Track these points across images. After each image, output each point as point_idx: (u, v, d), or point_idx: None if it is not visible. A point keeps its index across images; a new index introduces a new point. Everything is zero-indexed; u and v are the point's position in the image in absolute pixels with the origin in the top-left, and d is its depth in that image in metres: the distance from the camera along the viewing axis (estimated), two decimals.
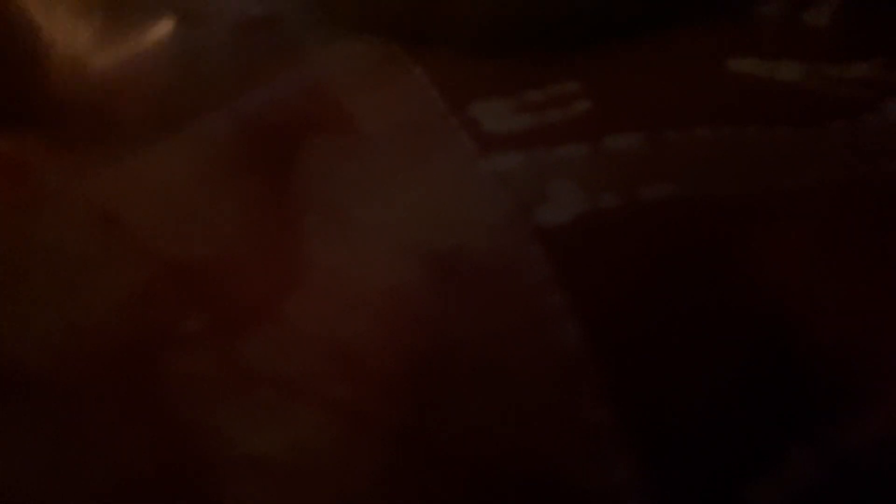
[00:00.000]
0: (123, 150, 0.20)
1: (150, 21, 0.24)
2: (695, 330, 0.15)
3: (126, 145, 0.20)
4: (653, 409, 0.13)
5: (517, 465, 0.13)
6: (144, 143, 0.20)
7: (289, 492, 0.13)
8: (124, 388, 0.15)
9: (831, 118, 0.20)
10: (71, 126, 0.20)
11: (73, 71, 0.22)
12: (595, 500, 0.13)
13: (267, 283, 0.17)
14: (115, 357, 0.15)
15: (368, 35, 0.25)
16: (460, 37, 0.25)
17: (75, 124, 0.20)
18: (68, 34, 0.23)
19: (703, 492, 0.12)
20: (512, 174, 0.19)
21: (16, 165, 0.19)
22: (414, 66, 0.23)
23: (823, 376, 0.14)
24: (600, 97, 0.21)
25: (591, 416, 0.13)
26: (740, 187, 0.18)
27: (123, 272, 0.17)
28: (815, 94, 0.21)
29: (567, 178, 0.19)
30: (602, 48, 0.24)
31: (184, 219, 0.18)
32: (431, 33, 0.25)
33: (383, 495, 0.13)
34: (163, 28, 0.24)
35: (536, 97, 0.22)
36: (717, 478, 0.13)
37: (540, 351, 0.15)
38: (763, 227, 0.17)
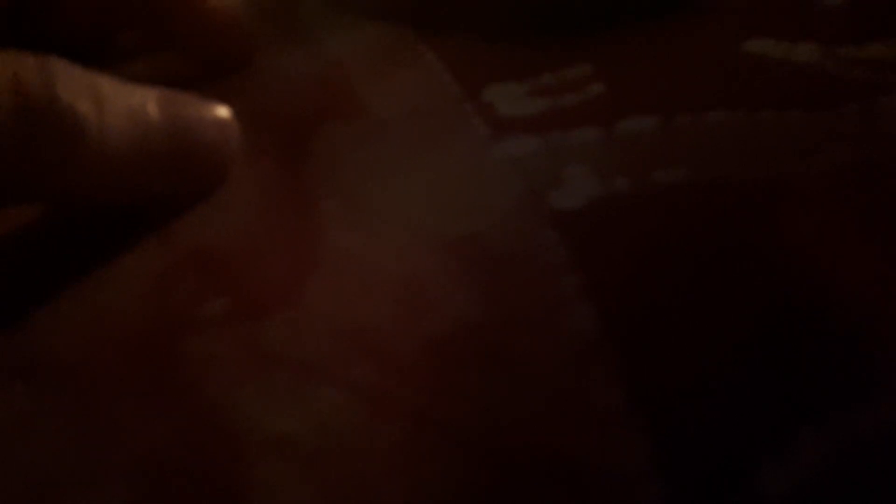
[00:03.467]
0: None
1: None
2: (707, 313, 0.15)
3: None
4: (665, 392, 0.14)
5: (531, 447, 0.13)
6: None
7: (311, 470, 0.13)
8: (149, 372, 0.15)
9: (845, 101, 0.20)
10: None
11: None
12: (608, 483, 0.13)
13: (285, 267, 0.17)
14: (140, 342, 0.16)
15: (382, 21, 0.25)
16: (474, 21, 0.25)
17: None
18: None
19: (714, 474, 0.13)
20: (526, 159, 0.19)
21: None
22: (427, 51, 0.24)
23: (836, 361, 0.14)
24: (614, 80, 0.21)
25: (604, 399, 0.14)
26: (753, 171, 0.18)
27: (146, 259, 0.17)
28: (830, 76, 0.21)
29: (581, 162, 0.19)
30: (616, 31, 0.23)
31: (203, 205, 0.19)
32: (445, 18, 0.25)
33: (402, 473, 0.13)
34: None
35: (550, 81, 0.22)
36: (728, 460, 0.13)
37: (554, 334, 0.15)
38: (776, 210, 0.17)
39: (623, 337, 0.15)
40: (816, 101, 0.20)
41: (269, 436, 0.14)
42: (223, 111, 0.19)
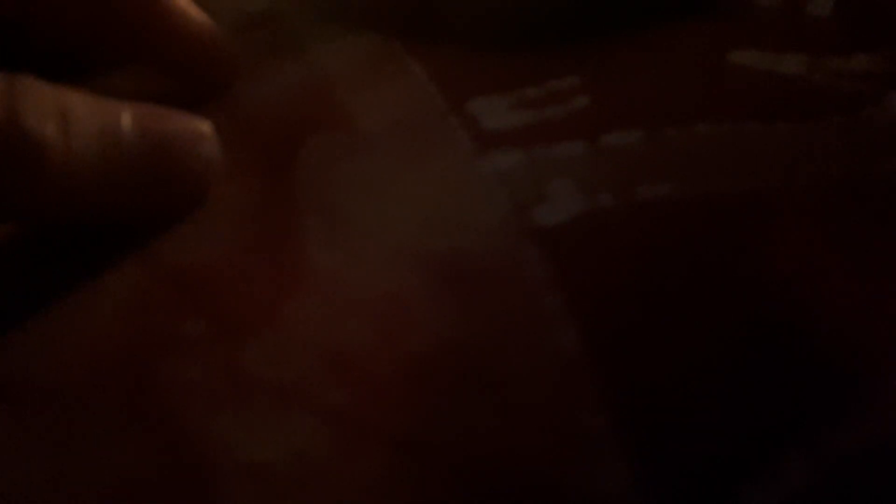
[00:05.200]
0: None
1: None
2: (690, 331, 0.15)
3: None
4: (648, 412, 0.13)
5: (514, 470, 0.13)
6: None
7: (286, 497, 0.13)
8: (125, 394, 0.15)
9: (831, 113, 0.20)
10: None
11: None
12: None
13: (265, 287, 0.17)
14: (115, 362, 0.15)
15: (368, 32, 0.25)
16: (459, 33, 0.25)
17: None
18: None
19: (697, 496, 0.12)
20: (510, 173, 0.19)
21: None
22: (413, 63, 0.23)
23: (820, 380, 0.14)
24: (599, 92, 0.21)
25: (588, 421, 0.14)
26: (739, 185, 0.18)
27: (124, 278, 0.17)
28: (816, 87, 0.21)
29: (565, 177, 0.19)
30: (601, 42, 0.23)
31: (182, 222, 0.18)
32: (431, 30, 0.25)
33: (380, 500, 0.13)
34: None
35: (535, 93, 0.22)
36: (711, 481, 0.13)
37: (537, 354, 0.15)
38: (762, 225, 0.17)
39: (606, 356, 0.14)
40: (802, 114, 0.20)
41: (244, 462, 0.13)
42: (202, 125, 0.19)
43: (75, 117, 0.16)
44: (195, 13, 0.23)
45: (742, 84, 0.21)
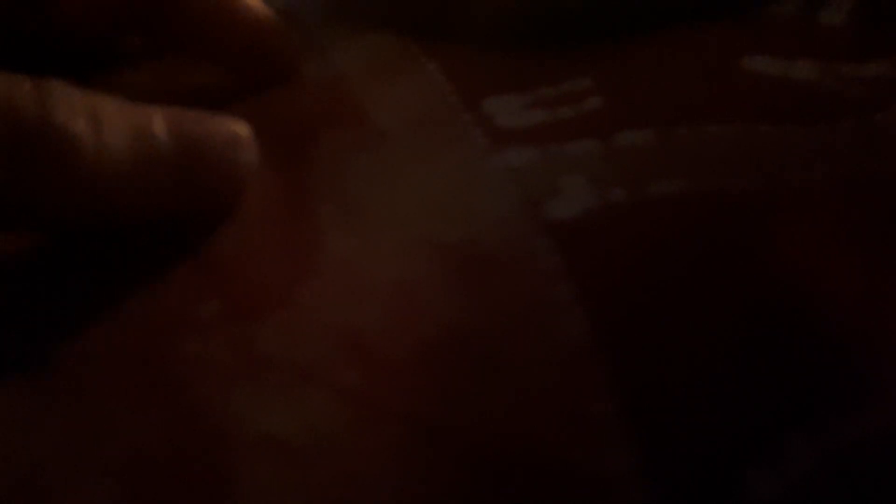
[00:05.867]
0: None
1: None
2: (698, 321, 0.15)
3: None
4: (655, 399, 0.14)
5: (521, 451, 0.13)
6: None
7: (300, 471, 0.13)
8: (142, 371, 0.15)
9: (842, 117, 0.20)
10: None
11: None
12: (597, 487, 0.13)
13: (280, 270, 0.17)
14: (133, 340, 0.16)
15: (384, 31, 0.26)
16: (475, 33, 0.25)
17: None
18: None
19: (702, 479, 0.13)
20: (523, 169, 0.19)
21: None
22: (429, 62, 0.24)
23: (826, 368, 0.14)
24: (612, 94, 0.22)
25: (595, 406, 0.14)
26: (749, 183, 0.18)
27: (142, 259, 0.17)
28: (828, 92, 0.21)
29: (577, 173, 0.19)
30: (615, 45, 0.24)
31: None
32: (446, 29, 0.25)
33: (390, 475, 0.13)
34: None
35: (549, 93, 0.22)
36: (717, 465, 0.13)
37: (545, 341, 0.15)
38: (771, 221, 0.17)
39: (613, 343, 0.15)
40: (813, 116, 0.20)
41: (258, 436, 0.14)
42: (238, 127, 0.18)
43: (107, 119, 0.16)
44: (258, 4, 0.23)
45: (754, 88, 0.22)
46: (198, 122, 0.18)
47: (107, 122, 0.16)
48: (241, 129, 0.18)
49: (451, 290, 0.16)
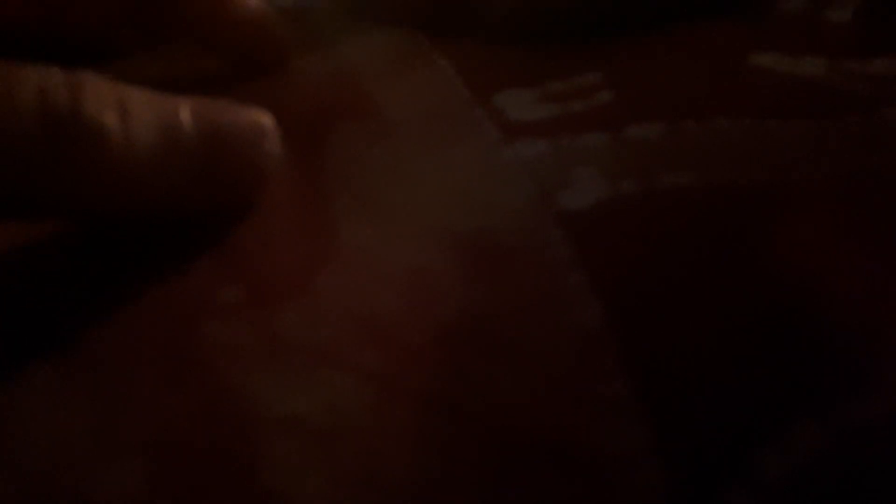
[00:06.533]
0: None
1: None
2: (708, 309, 0.15)
3: None
4: (667, 381, 0.14)
5: (536, 433, 0.14)
6: None
7: (321, 449, 0.13)
8: (166, 353, 0.15)
9: (849, 112, 0.20)
10: None
11: None
12: (610, 468, 0.13)
13: (299, 258, 0.17)
14: (158, 325, 0.16)
15: (396, 27, 0.26)
16: (485, 28, 0.25)
17: None
18: None
19: (714, 460, 0.13)
20: (535, 161, 0.19)
21: None
22: (439, 57, 0.24)
23: (834, 355, 0.14)
24: (622, 88, 0.22)
25: (608, 389, 0.14)
26: (757, 175, 0.18)
27: (165, 246, 0.18)
28: (835, 88, 0.21)
29: (589, 165, 0.19)
30: (625, 40, 0.24)
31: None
32: (457, 24, 0.26)
33: (411, 456, 0.13)
34: None
35: (559, 88, 0.22)
36: (727, 448, 0.13)
37: (559, 327, 0.15)
38: (778, 213, 0.17)
39: (626, 329, 0.15)
40: (820, 112, 0.20)
41: (280, 416, 0.14)
42: (262, 117, 0.19)
43: (134, 109, 0.16)
44: None
45: (762, 83, 0.22)
46: (223, 112, 0.18)
47: (134, 113, 0.16)
48: (265, 119, 0.19)
49: (467, 278, 0.16)
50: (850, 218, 0.17)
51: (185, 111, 0.17)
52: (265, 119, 0.19)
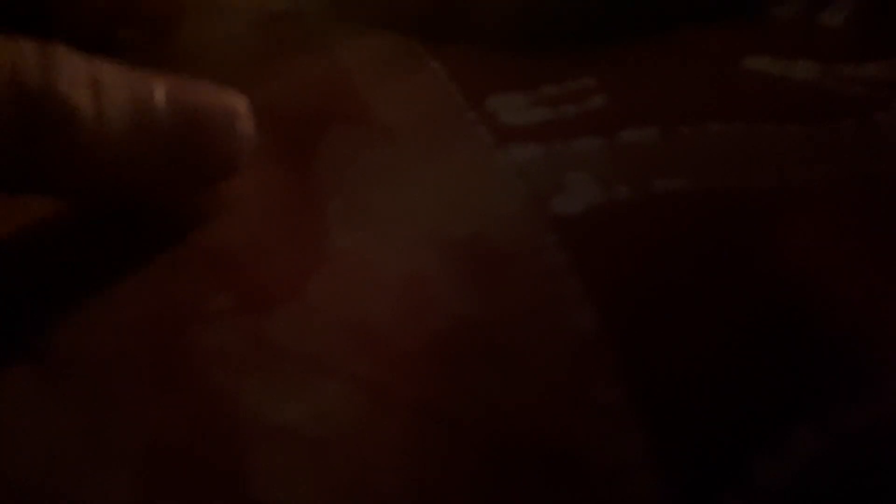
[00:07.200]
0: None
1: None
2: (703, 315, 0.15)
3: None
4: (662, 387, 0.14)
5: (531, 441, 0.13)
6: None
7: (313, 458, 0.13)
8: (155, 359, 0.15)
9: (843, 116, 0.20)
10: None
11: None
12: (606, 475, 0.13)
13: (290, 264, 0.17)
14: (145, 330, 0.16)
15: (388, 30, 0.26)
16: (478, 32, 0.25)
17: None
18: None
19: (710, 467, 0.13)
20: (528, 165, 0.19)
21: None
22: (432, 61, 0.24)
23: (832, 359, 0.14)
24: (615, 92, 0.22)
25: (603, 396, 0.14)
26: (752, 180, 0.18)
27: (154, 252, 0.17)
28: (829, 93, 0.21)
29: (582, 170, 0.19)
30: (618, 45, 0.24)
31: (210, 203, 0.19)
32: (450, 28, 0.26)
33: (404, 465, 0.13)
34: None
35: (552, 92, 0.22)
36: (724, 454, 0.13)
37: (554, 333, 0.15)
38: (773, 218, 0.17)
39: (621, 336, 0.15)
40: (814, 116, 0.20)
41: (272, 424, 0.14)
42: (237, 102, 0.19)
43: (108, 87, 0.16)
44: None
45: (756, 87, 0.22)
46: (197, 93, 0.18)
47: (107, 91, 0.16)
48: (238, 102, 0.19)
49: (461, 284, 0.16)
50: (845, 222, 0.17)
51: (159, 90, 0.17)
52: (239, 101, 0.19)
